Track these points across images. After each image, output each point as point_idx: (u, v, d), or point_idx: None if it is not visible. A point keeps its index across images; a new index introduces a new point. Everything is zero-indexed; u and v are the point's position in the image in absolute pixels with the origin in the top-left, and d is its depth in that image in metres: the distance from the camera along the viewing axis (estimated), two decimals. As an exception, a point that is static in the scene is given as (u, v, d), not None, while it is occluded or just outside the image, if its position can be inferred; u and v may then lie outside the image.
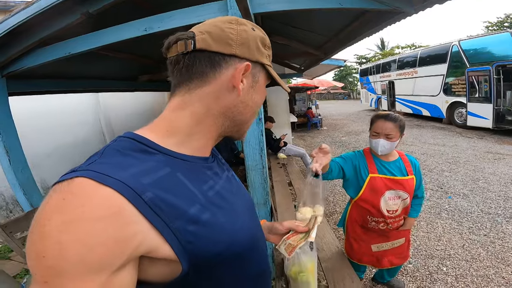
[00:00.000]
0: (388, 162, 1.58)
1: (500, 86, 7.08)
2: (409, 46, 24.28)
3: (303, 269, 0.74)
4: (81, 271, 0.32)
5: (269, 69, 0.55)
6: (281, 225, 0.78)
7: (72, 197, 0.34)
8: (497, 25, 16.48)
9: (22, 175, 2.07)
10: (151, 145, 0.45)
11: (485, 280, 2.11)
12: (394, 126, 1.46)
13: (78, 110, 4.88)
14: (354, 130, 9.36)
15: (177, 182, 0.44)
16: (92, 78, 3.20)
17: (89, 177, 0.36)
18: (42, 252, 0.32)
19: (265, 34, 0.55)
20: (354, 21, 2.47)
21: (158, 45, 0.52)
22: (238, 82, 0.49)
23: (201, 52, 0.48)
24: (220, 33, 0.48)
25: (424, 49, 10.88)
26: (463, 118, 8.40)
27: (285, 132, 5.95)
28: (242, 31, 0.50)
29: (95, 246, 0.33)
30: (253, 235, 0.55)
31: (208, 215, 0.45)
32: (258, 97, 0.55)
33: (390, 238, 1.69)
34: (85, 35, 1.63)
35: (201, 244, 0.42)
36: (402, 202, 1.57)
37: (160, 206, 0.39)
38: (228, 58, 0.49)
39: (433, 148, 6.24)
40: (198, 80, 0.49)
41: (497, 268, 2.23)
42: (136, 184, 0.38)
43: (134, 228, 0.36)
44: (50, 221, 0.33)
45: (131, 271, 0.38)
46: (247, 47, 0.50)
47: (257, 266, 0.57)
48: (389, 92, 13.29)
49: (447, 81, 9.02)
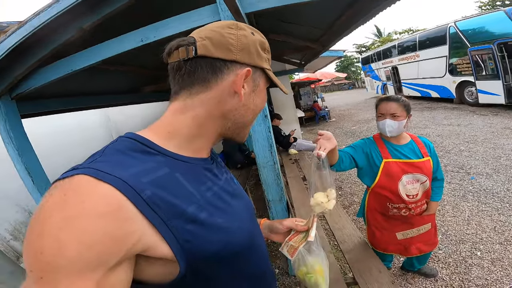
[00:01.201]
0: (400, 146, 1.54)
1: (506, 63, 7.06)
2: (406, 31, 24.29)
3: (310, 270, 0.73)
4: (78, 268, 0.33)
5: (268, 73, 0.56)
6: (280, 224, 0.79)
7: (72, 193, 0.35)
8: (490, 4, 16.64)
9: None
10: (151, 146, 0.46)
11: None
12: (398, 105, 1.46)
13: (91, 125, 5.01)
14: (364, 119, 9.26)
15: (176, 182, 0.45)
16: (97, 94, 3.26)
17: (90, 174, 0.36)
18: (40, 248, 0.32)
19: (264, 37, 0.56)
20: (346, 11, 2.46)
21: (155, 55, 0.51)
22: (240, 87, 0.50)
23: (202, 58, 0.48)
24: (220, 39, 0.49)
25: (421, 33, 10.87)
26: (474, 96, 8.28)
27: (294, 127, 5.92)
28: (242, 36, 0.51)
29: (94, 244, 0.33)
30: (251, 236, 0.55)
31: (206, 214, 0.45)
32: (259, 100, 0.57)
33: (415, 224, 1.63)
34: (83, 51, 1.65)
35: (199, 243, 0.43)
36: (422, 186, 1.52)
37: (159, 204, 0.40)
38: (229, 63, 0.50)
39: (448, 129, 6.06)
40: (200, 85, 0.50)
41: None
42: (135, 182, 0.38)
43: (133, 226, 0.37)
44: (50, 218, 0.33)
45: (127, 269, 0.38)
46: (247, 53, 0.51)
47: (256, 267, 0.57)
48: (394, 77, 13.23)
49: (451, 61, 8.99)
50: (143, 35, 1.51)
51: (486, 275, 1.96)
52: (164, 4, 1.80)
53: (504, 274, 1.93)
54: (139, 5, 1.42)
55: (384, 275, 1.48)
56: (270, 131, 1.59)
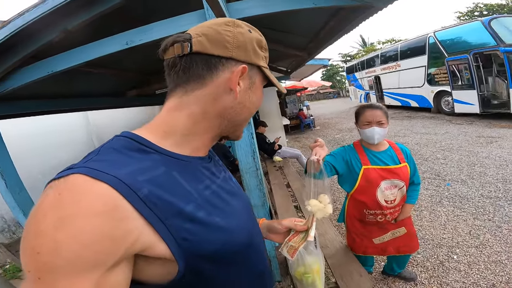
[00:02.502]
0: (379, 152, 1.58)
1: (481, 73, 7.24)
2: (389, 40, 25.00)
3: (308, 270, 0.72)
4: (75, 268, 0.32)
5: (265, 71, 0.56)
6: (280, 224, 0.78)
7: (67, 193, 0.34)
8: (468, 14, 17.17)
9: (19, 196, 2.06)
10: (147, 144, 0.46)
11: (499, 266, 2.08)
12: (383, 113, 1.51)
13: (70, 128, 4.83)
14: (347, 127, 9.49)
15: (173, 181, 0.44)
16: (78, 96, 3.16)
17: (85, 173, 0.36)
18: (37, 248, 0.32)
19: (261, 35, 0.56)
20: (331, 19, 2.56)
21: (141, 58, 0.51)
22: (235, 84, 0.50)
23: (197, 55, 0.48)
24: (216, 36, 0.49)
25: (403, 43, 11.13)
26: (450, 106, 8.56)
27: (279, 135, 5.97)
28: (239, 33, 0.50)
29: (91, 243, 0.33)
30: (250, 235, 0.55)
31: (204, 213, 0.45)
32: (255, 98, 0.56)
33: (389, 228, 1.69)
34: (65, 53, 1.61)
35: (197, 242, 0.42)
36: (400, 191, 1.57)
37: (156, 202, 0.39)
38: (225, 60, 0.49)
39: (426, 137, 6.32)
40: (195, 82, 0.49)
41: (508, 253, 2.20)
42: (131, 181, 0.38)
43: (130, 225, 0.36)
44: (45, 218, 0.33)
45: (125, 269, 0.37)
46: (243, 50, 0.51)
47: (255, 267, 0.56)
48: (376, 87, 13.49)
49: (429, 71, 9.21)
50: (129, 38, 1.50)
51: (463, 278, 2.02)
52: (151, 9, 1.80)
53: (481, 277, 2.00)
54: (127, 9, 1.41)
55: (365, 279, 1.52)
56: (253, 138, 1.61)
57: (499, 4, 15.49)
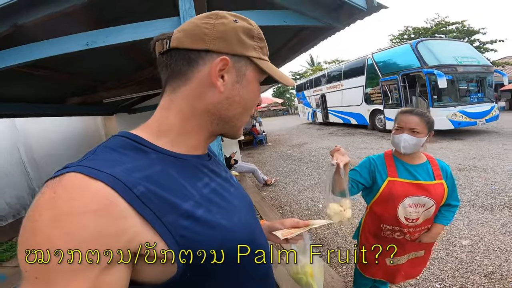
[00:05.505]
0: (413, 166, 1.37)
1: (407, 93, 8.12)
2: (334, 61, 26.83)
3: (300, 270, 0.74)
4: (71, 267, 0.32)
5: (259, 63, 0.51)
6: (281, 224, 0.77)
7: (63, 191, 0.34)
8: (399, 37, 18.66)
9: None
10: (144, 143, 0.45)
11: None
12: (420, 121, 1.30)
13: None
14: (297, 143, 9.92)
15: (170, 179, 0.44)
16: (7, 101, 2.71)
17: (80, 172, 0.36)
18: (33, 247, 0.32)
19: (252, 24, 0.52)
20: (293, 37, 2.74)
21: (95, 62, 0.50)
22: (215, 78, 0.47)
23: (176, 51, 0.48)
24: (194, 29, 0.48)
25: (346, 63, 12.00)
26: (383, 123, 9.42)
27: (234, 150, 6.00)
28: (220, 24, 0.48)
29: (86, 241, 0.33)
30: (251, 233, 0.54)
31: (203, 211, 0.45)
32: (246, 92, 0.52)
33: (407, 250, 1.47)
34: (6, 50, 1.40)
35: (196, 240, 0.42)
36: (426, 212, 1.35)
37: (152, 200, 0.39)
38: (204, 54, 0.47)
39: (364, 152, 7.05)
40: (178, 79, 0.49)
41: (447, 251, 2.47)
42: (127, 178, 0.38)
43: (126, 223, 0.36)
44: (41, 216, 0.33)
45: (123, 269, 0.37)
46: (224, 41, 0.48)
47: (258, 266, 0.55)
48: (322, 105, 14.16)
49: (366, 91, 10.11)
50: (90, 39, 1.38)
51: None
52: (122, 12, 1.69)
53: (430, 272, 2.17)
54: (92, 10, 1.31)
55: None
56: (221, 149, 1.60)
57: (425, 28, 17.31)
